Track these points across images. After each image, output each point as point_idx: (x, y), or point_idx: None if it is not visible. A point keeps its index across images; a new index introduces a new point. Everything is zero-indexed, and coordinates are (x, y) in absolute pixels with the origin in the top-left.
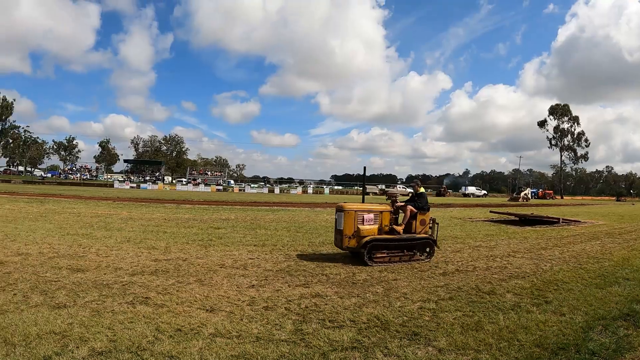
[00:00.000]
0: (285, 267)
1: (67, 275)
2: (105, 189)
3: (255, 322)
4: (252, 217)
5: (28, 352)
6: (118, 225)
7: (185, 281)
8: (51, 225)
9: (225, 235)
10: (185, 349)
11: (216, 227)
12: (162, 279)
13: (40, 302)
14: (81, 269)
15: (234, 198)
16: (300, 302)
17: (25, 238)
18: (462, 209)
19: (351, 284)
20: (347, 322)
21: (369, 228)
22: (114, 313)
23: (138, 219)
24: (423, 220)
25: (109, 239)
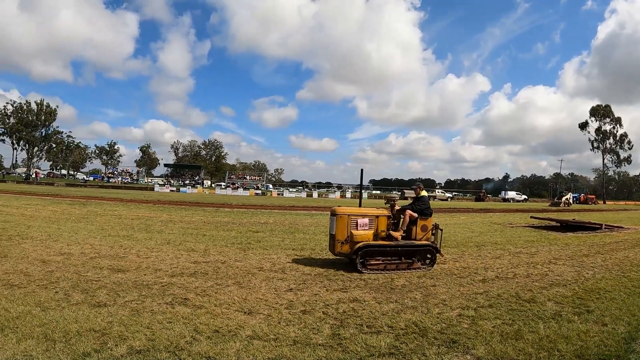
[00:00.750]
0: (324, 271)
1: (107, 275)
2: (145, 192)
3: (292, 326)
4: (291, 221)
5: (68, 348)
6: (158, 228)
7: (223, 283)
8: (93, 227)
9: (263, 238)
10: (222, 350)
11: (255, 231)
12: (201, 281)
13: (81, 301)
14: (122, 269)
15: (273, 202)
16: (338, 307)
17: (67, 238)
18: (502, 214)
19: (389, 290)
20: (384, 328)
21: (363, 233)
22: (153, 313)
23: (178, 222)
24: (424, 226)
25: (149, 240)
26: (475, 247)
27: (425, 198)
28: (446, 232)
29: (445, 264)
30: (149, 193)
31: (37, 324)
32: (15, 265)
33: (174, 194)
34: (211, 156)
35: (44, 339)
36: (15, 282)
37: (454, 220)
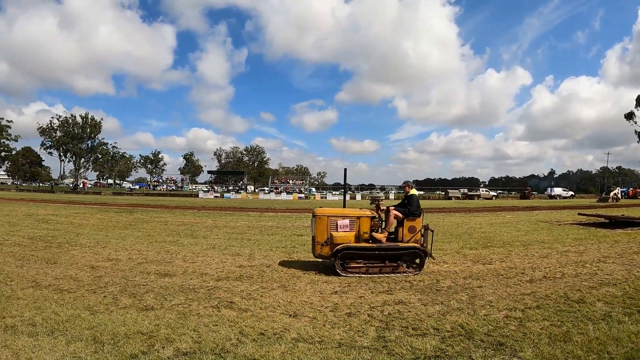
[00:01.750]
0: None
1: (155, 279)
2: (190, 199)
3: (337, 328)
4: None
5: (116, 350)
6: (203, 233)
7: (269, 287)
8: (140, 233)
9: (308, 242)
10: (267, 352)
11: (299, 235)
12: (247, 285)
13: (129, 304)
14: (168, 274)
15: (316, 205)
16: (383, 309)
17: (115, 245)
18: (549, 212)
19: (435, 291)
20: (430, 330)
21: (343, 235)
22: (199, 316)
23: (223, 227)
24: (412, 227)
25: (194, 246)
26: (521, 246)
27: (414, 197)
28: (491, 232)
29: (492, 264)
30: (194, 199)
31: (86, 327)
32: (65, 271)
33: (218, 200)
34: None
35: (92, 342)
36: (65, 287)
37: (499, 219)
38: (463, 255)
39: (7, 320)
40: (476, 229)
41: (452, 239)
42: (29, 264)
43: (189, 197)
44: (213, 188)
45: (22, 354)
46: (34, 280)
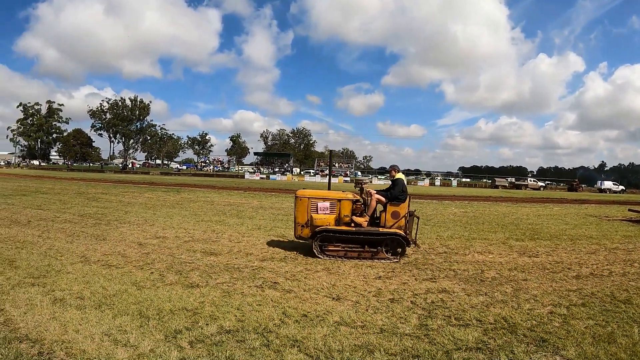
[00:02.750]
0: (413, 260)
1: (200, 257)
2: (236, 180)
3: (380, 314)
4: None
5: (160, 325)
6: (249, 214)
7: (313, 269)
8: (187, 212)
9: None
10: (309, 334)
11: None
12: (291, 266)
13: (175, 281)
14: (214, 252)
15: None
16: (426, 297)
17: (163, 223)
18: (598, 206)
19: (479, 282)
20: (473, 321)
21: (323, 217)
22: (243, 295)
23: (268, 208)
24: (396, 212)
25: (240, 226)
26: (569, 240)
27: (400, 181)
28: (538, 223)
29: (538, 257)
30: (240, 180)
31: (132, 302)
32: (113, 248)
33: (264, 181)
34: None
35: (138, 316)
36: (113, 262)
37: (547, 211)
38: (509, 246)
39: (56, 293)
40: (523, 219)
41: (498, 229)
42: (78, 240)
43: (235, 178)
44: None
45: (69, 325)
46: (83, 255)
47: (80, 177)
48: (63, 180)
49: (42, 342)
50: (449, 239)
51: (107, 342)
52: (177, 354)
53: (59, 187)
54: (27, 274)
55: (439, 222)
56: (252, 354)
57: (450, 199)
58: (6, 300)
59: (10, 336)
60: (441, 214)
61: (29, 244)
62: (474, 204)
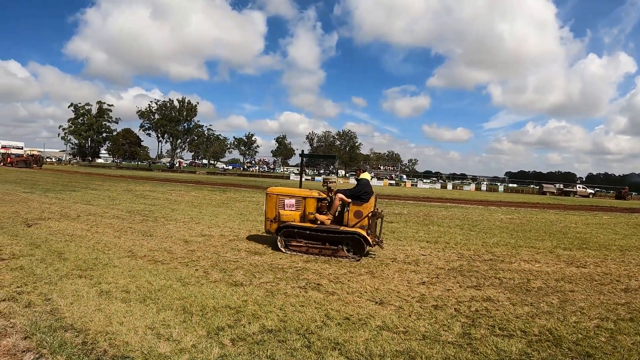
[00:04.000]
0: (457, 266)
1: (245, 256)
2: (281, 181)
3: (423, 320)
4: (425, 213)
5: (203, 321)
6: None
7: (356, 272)
8: (232, 212)
9: (397, 229)
10: (351, 337)
11: (389, 221)
12: (335, 268)
13: (219, 279)
14: (258, 252)
15: (407, 193)
16: (470, 305)
17: (208, 221)
18: None
19: (525, 291)
20: (517, 332)
21: (289, 214)
22: (286, 295)
23: None
24: (358, 212)
25: None
26: (618, 251)
27: (363, 181)
28: (587, 233)
29: (586, 268)
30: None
31: (176, 297)
32: (159, 244)
33: (309, 182)
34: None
35: (182, 312)
36: (159, 258)
37: (595, 219)
38: (556, 255)
39: (102, 285)
40: (571, 228)
41: (546, 237)
42: (126, 235)
43: (281, 178)
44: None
45: (114, 318)
46: (130, 250)
47: (128, 175)
48: (112, 178)
49: (87, 332)
50: (494, 246)
51: (150, 336)
52: (218, 351)
53: (108, 184)
54: (75, 266)
55: (484, 228)
56: (293, 354)
57: (496, 205)
58: (54, 290)
59: (56, 325)
60: (487, 219)
61: (77, 238)
62: (520, 211)
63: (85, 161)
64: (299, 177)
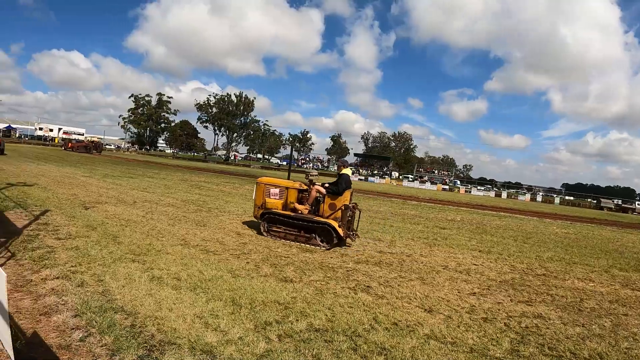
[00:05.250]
0: (510, 279)
1: (296, 253)
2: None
3: (471, 332)
4: (478, 221)
5: (252, 315)
6: None
7: (407, 277)
8: None
9: (450, 236)
10: (398, 344)
11: (442, 227)
12: (385, 271)
13: (270, 274)
14: (309, 249)
15: (460, 199)
16: (520, 320)
17: None
18: None
19: (577, 311)
20: (566, 354)
21: (273, 202)
22: (335, 295)
23: (365, 210)
24: (332, 204)
25: None
26: None
27: (344, 176)
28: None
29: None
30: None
31: (226, 289)
32: (212, 234)
33: (362, 183)
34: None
35: (231, 303)
36: (211, 248)
37: None
38: (611, 275)
39: (154, 271)
40: (628, 247)
41: (601, 255)
42: (179, 224)
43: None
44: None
45: (164, 303)
46: (183, 238)
47: (184, 165)
48: (168, 167)
49: (136, 315)
50: (548, 261)
51: (198, 324)
52: (264, 345)
53: (164, 172)
54: (129, 251)
55: (538, 241)
56: (339, 356)
57: (551, 218)
58: (107, 272)
59: (107, 306)
60: (542, 232)
61: (132, 223)
62: (576, 225)
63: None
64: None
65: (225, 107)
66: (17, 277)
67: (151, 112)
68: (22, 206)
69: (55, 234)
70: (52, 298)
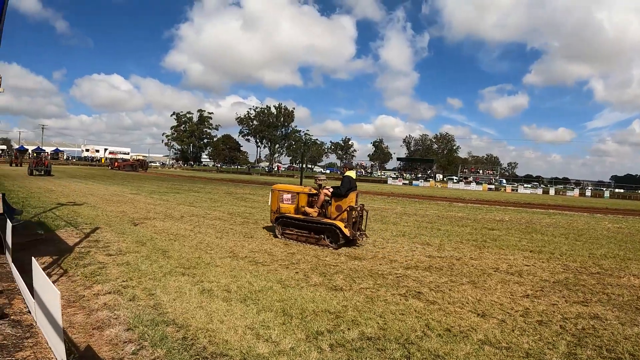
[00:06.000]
0: (563, 279)
1: (345, 261)
2: (379, 185)
3: (526, 336)
4: (527, 220)
5: (303, 325)
6: (393, 220)
7: (458, 281)
8: None
9: (499, 237)
10: (452, 350)
11: (490, 228)
12: (436, 276)
13: (319, 283)
14: (358, 257)
15: (507, 198)
16: (576, 322)
17: None
18: None
19: (634, 310)
20: (625, 356)
21: (286, 206)
22: (386, 303)
23: (412, 215)
24: (338, 206)
25: (384, 231)
26: None
27: (346, 179)
28: None
29: None
30: (382, 186)
31: (277, 299)
32: (260, 245)
33: (407, 187)
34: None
35: (282, 314)
36: (259, 259)
37: None
38: None
39: (204, 284)
40: None
41: None
42: (227, 236)
43: (378, 183)
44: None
45: (215, 315)
46: (232, 251)
47: (228, 178)
48: (213, 181)
49: (188, 328)
50: (602, 258)
51: (249, 336)
52: (316, 355)
53: (209, 186)
54: (179, 264)
55: (591, 237)
56: None
57: (602, 212)
58: (157, 286)
59: (158, 319)
60: (593, 228)
61: (181, 237)
62: (629, 219)
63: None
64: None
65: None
66: (69, 293)
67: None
68: (73, 224)
69: (106, 250)
70: (105, 312)
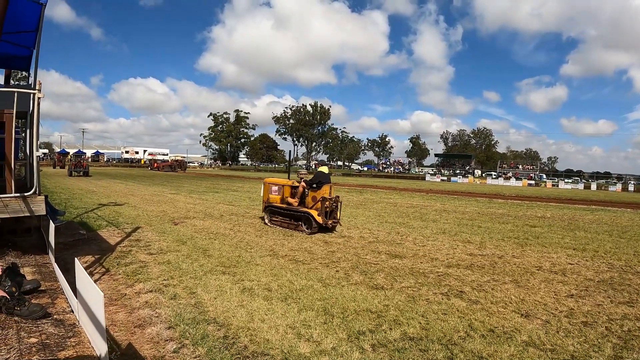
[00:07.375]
0: (608, 278)
1: (385, 259)
2: (417, 182)
3: (571, 338)
4: (569, 216)
5: (344, 324)
6: (433, 217)
7: (500, 280)
8: (370, 213)
9: (541, 234)
10: (496, 352)
11: (532, 225)
12: (477, 275)
13: (360, 281)
14: (399, 255)
15: (548, 194)
16: (622, 323)
17: (347, 223)
18: None
19: None
20: None
21: (274, 197)
22: (428, 302)
23: (452, 212)
24: (314, 197)
25: (424, 229)
26: None
27: (317, 173)
28: None
29: None
30: (421, 182)
31: (317, 298)
32: (300, 244)
33: (445, 183)
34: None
35: (323, 313)
36: (300, 258)
37: None
38: None
39: (245, 283)
40: None
41: None
42: (267, 235)
43: (416, 179)
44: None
45: (255, 314)
46: (272, 249)
47: None
48: (251, 180)
49: (229, 327)
50: None
51: (290, 335)
52: (358, 355)
53: (247, 185)
54: (219, 263)
55: (635, 235)
56: None
57: None
58: (198, 285)
59: (200, 318)
60: (638, 225)
61: (221, 236)
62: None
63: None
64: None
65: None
66: (111, 291)
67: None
68: (114, 224)
69: (147, 250)
70: (146, 311)
